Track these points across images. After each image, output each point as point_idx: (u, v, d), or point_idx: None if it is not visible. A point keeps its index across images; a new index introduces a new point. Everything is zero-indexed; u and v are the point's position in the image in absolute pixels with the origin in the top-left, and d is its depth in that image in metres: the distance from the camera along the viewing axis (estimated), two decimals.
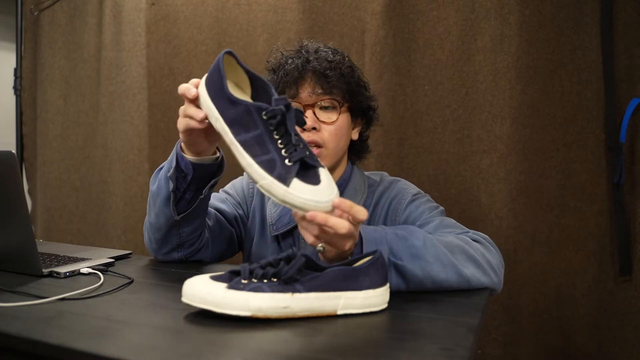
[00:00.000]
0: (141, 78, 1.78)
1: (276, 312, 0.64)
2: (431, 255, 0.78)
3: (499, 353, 1.43)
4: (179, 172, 0.89)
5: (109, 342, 0.58)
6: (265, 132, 0.69)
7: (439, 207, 1.02)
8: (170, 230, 0.94)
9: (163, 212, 0.92)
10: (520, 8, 1.39)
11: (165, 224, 0.93)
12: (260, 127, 0.69)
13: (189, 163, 0.88)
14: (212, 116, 0.73)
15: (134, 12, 1.79)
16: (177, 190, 0.90)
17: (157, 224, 0.95)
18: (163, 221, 0.93)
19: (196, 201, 0.91)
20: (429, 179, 1.49)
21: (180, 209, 0.92)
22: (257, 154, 0.69)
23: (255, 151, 0.69)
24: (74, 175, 1.94)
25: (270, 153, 0.68)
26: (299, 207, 0.67)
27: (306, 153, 0.69)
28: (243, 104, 0.70)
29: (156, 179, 0.94)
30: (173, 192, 0.89)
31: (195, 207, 0.92)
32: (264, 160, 0.68)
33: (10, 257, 0.90)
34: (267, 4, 1.65)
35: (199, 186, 0.91)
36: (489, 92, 1.43)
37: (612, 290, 1.35)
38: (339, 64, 1.00)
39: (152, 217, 0.95)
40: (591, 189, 1.37)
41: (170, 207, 0.91)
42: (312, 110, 0.99)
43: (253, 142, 0.69)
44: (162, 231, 0.95)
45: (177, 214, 0.91)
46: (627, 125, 1.31)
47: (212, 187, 0.92)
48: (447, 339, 0.60)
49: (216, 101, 0.73)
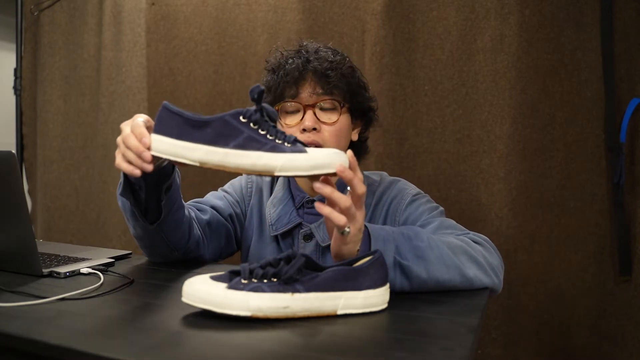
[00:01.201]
0: (141, 78, 1.78)
1: (276, 312, 0.64)
2: (435, 256, 0.78)
3: (499, 353, 1.43)
4: (132, 187, 0.86)
5: (109, 342, 0.58)
6: (251, 132, 0.69)
7: (439, 208, 1.02)
8: (153, 237, 0.92)
9: (138, 225, 0.90)
10: (520, 8, 1.39)
11: (145, 234, 0.91)
12: (245, 130, 0.69)
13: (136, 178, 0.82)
14: (184, 156, 0.69)
15: (134, 12, 1.79)
16: (138, 204, 0.87)
17: (138, 235, 0.93)
18: (142, 232, 0.91)
19: (163, 207, 0.87)
20: (429, 179, 1.49)
21: (152, 218, 0.89)
22: (258, 148, 0.68)
23: (254, 147, 0.68)
24: (74, 175, 1.94)
25: (269, 144, 0.68)
26: (326, 165, 0.68)
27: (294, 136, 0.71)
28: (217, 117, 0.69)
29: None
30: (135, 206, 0.86)
31: (167, 212, 0.88)
32: (268, 148, 0.68)
33: (10, 257, 0.90)
34: (267, 4, 1.65)
35: (158, 194, 0.87)
36: (489, 92, 1.43)
37: (612, 290, 1.35)
38: (340, 64, 0.99)
39: (131, 229, 0.93)
40: (591, 189, 1.37)
41: (141, 220, 0.88)
42: (312, 110, 0.98)
43: (247, 142, 0.69)
44: (146, 240, 0.94)
45: (151, 223, 0.89)
46: (627, 125, 1.31)
47: (167, 191, 0.86)
48: (447, 339, 0.60)
49: (184, 136, 0.70)
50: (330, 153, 0.69)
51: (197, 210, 1.03)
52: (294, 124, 0.99)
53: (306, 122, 0.97)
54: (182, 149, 0.69)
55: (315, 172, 0.68)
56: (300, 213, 1.04)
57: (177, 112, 0.71)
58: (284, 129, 1.00)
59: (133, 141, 0.74)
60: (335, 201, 0.71)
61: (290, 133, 0.98)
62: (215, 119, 0.69)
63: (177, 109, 0.71)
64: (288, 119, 1.00)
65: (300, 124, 0.98)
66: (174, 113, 0.71)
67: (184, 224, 0.93)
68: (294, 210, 1.04)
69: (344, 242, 0.73)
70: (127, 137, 0.75)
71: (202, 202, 1.07)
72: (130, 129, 0.76)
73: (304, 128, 0.97)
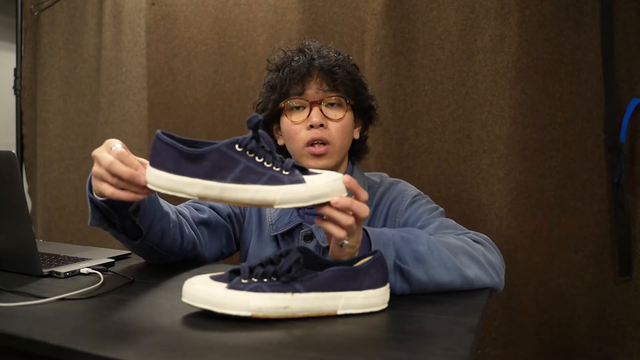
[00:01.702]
0: (141, 78, 1.78)
1: (276, 312, 0.64)
2: (435, 259, 0.78)
3: (499, 353, 1.43)
4: (101, 214, 0.83)
5: (109, 342, 0.58)
6: (248, 162, 0.67)
7: (439, 208, 1.02)
8: (145, 248, 0.90)
9: (123, 240, 0.88)
10: (520, 8, 1.39)
11: (135, 247, 0.90)
12: (242, 159, 0.67)
13: (102, 202, 0.81)
14: (182, 190, 0.67)
15: (134, 12, 1.79)
16: (113, 226, 0.85)
17: (128, 246, 0.91)
18: (131, 247, 0.91)
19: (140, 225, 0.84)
20: (429, 179, 1.49)
21: (134, 235, 0.86)
22: (256, 180, 0.67)
23: (252, 179, 0.66)
24: (74, 175, 1.94)
25: (267, 174, 0.67)
26: (324, 194, 0.67)
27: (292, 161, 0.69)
28: (213, 149, 0.67)
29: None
30: (111, 228, 0.84)
31: (147, 227, 0.84)
32: (266, 180, 0.67)
33: (11, 257, 0.90)
34: (267, 4, 1.65)
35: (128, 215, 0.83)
36: (489, 92, 1.43)
37: (612, 290, 1.35)
38: (344, 62, 1.01)
39: (122, 243, 0.91)
40: (591, 189, 1.37)
41: (124, 238, 0.87)
42: (318, 107, 0.99)
43: (244, 175, 0.67)
44: (139, 250, 0.93)
45: (135, 239, 0.87)
46: (627, 125, 1.31)
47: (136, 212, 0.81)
48: (447, 339, 0.60)
49: (180, 170, 0.67)
50: (329, 181, 0.68)
51: (194, 209, 1.03)
52: (300, 120, 0.99)
53: (313, 119, 0.98)
54: (179, 184, 0.67)
55: (314, 202, 0.67)
56: (301, 213, 1.04)
57: (171, 144, 0.68)
58: (288, 129, 1.00)
59: (120, 167, 0.71)
60: (335, 220, 0.68)
61: (296, 131, 0.99)
62: (211, 150, 0.67)
63: (170, 141, 0.68)
64: (294, 116, 1.00)
65: (307, 121, 0.99)
66: (168, 145, 0.68)
67: (171, 230, 0.90)
68: (294, 210, 1.04)
69: (342, 252, 0.73)
70: (112, 165, 0.72)
71: (201, 202, 1.07)
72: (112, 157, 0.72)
73: (311, 124, 0.98)
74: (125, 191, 0.73)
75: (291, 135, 1.01)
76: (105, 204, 0.80)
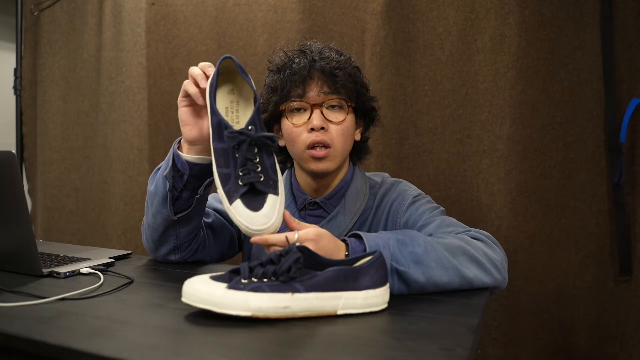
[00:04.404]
0: (141, 78, 1.78)
1: (276, 312, 0.64)
2: (433, 260, 0.78)
3: (499, 353, 1.44)
4: (176, 171, 0.90)
5: (109, 342, 0.58)
6: (228, 148, 0.76)
7: (440, 208, 1.02)
8: (167, 230, 0.94)
9: (160, 212, 0.93)
10: (520, 8, 1.39)
11: (162, 224, 0.94)
12: (226, 142, 0.76)
13: (185, 162, 0.89)
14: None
15: (134, 12, 1.79)
16: (174, 190, 0.91)
17: (154, 224, 0.95)
18: (160, 221, 0.94)
19: (193, 201, 0.92)
20: (429, 179, 1.49)
21: (178, 208, 0.92)
22: (220, 165, 0.77)
23: (219, 162, 0.77)
24: (74, 175, 1.94)
25: (229, 168, 0.76)
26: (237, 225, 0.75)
27: (260, 179, 0.75)
28: (216, 116, 0.78)
29: (154, 180, 0.94)
30: (170, 191, 0.90)
31: (193, 206, 0.92)
32: (223, 172, 0.76)
33: (10, 257, 0.90)
34: (267, 4, 1.65)
35: (195, 185, 0.91)
36: (489, 92, 1.43)
37: (612, 290, 1.35)
38: (346, 64, 1.00)
39: (149, 217, 0.96)
40: (591, 189, 1.37)
41: (168, 207, 0.91)
42: (319, 110, 0.98)
43: (221, 153, 0.77)
44: (159, 231, 0.95)
45: (174, 213, 0.92)
46: (627, 125, 1.31)
47: (207, 186, 0.92)
48: (447, 339, 0.60)
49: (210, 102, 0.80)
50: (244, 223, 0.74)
51: None
52: (301, 123, 0.99)
53: (314, 122, 0.97)
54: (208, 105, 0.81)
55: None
56: (302, 214, 1.04)
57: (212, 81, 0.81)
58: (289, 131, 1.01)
59: (197, 70, 0.84)
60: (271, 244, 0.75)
61: (297, 134, 0.99)
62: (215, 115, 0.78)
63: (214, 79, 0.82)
64: (295, 119, 1.00)
65: (308, 124, 0.98)
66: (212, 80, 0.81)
67: (199, 225, 0.98)
68: (296, 212, 1.04)
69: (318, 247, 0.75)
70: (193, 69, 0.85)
71: (206, 205, 1.07)
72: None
73: (312, 127, 0.97)
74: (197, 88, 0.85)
75: (292, 138, 1.00)
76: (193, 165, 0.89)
